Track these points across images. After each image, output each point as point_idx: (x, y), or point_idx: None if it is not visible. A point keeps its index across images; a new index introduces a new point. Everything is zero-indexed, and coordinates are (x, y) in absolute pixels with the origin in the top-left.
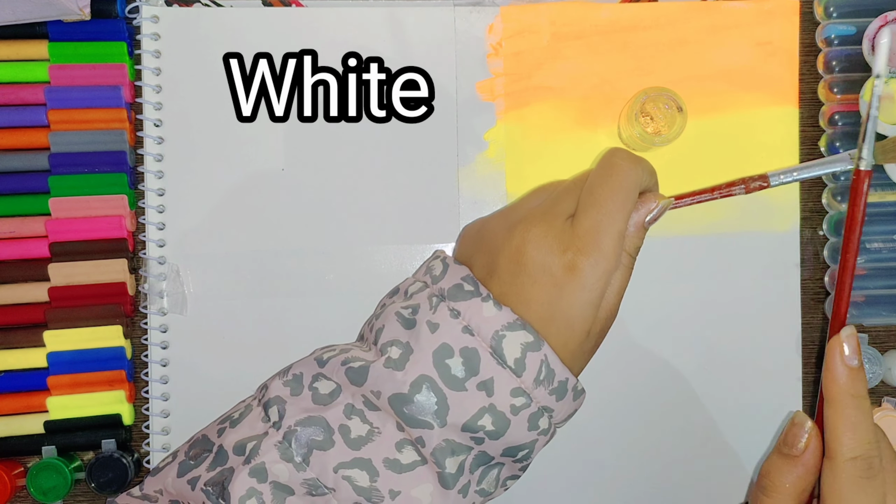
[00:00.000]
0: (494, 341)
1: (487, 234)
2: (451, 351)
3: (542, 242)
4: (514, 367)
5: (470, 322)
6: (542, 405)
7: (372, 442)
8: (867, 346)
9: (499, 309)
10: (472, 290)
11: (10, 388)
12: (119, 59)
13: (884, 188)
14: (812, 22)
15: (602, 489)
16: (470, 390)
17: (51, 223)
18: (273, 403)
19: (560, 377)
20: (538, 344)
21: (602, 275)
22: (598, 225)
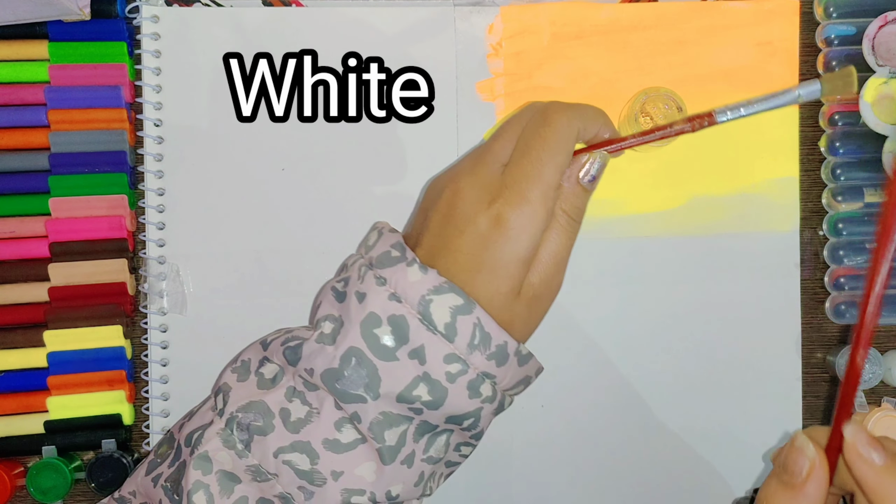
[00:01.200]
0: (422, 307)
1: (427, 193)
2: (378, 320)
3: (467, 194)
4: (444, 333)
5: (396, 288)
6: (481, 371)
7: (311, 423)
8: None
9: (424, 272)
10: (399, 255)
11: (10, 388)
12: (119, 59)
13: (884, 188)
14: (812, 22)
15: (602, 489)
16: (401, 360)
17: (51, 223)
18: (220, 391)
19: (497, 341)
20: (469, 306)
21: (528, 226)
22: (526, 175)
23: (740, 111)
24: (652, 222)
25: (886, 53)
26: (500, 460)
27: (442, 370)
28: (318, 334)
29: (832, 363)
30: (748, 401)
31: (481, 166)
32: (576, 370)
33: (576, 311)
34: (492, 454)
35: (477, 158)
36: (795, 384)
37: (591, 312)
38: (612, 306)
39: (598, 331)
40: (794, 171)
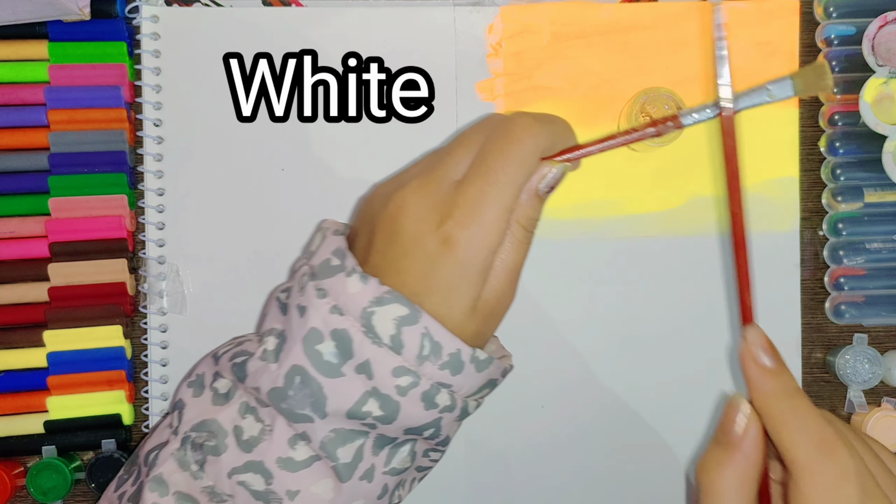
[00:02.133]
0: (364, 319)
1: (370, 202)
2: (320, 335)
3: (415, 211)
4: (391, 345)
5: (337, 300)
6: (435, 381)
7: (264, 442)
8: (867, 347)
9: (364, 282)
10: (339, 263)
11: (10, 388)
12: (119, 58)
13: (884, 188)
14: (812, 22)
15: (602, 488)
16: (348, 375)
17: (51, 223)
18: (176, 408)
19: (450, 349)
20: (415, 315)
21: (481, 250)
22: (482, 196)
23: (706, 112)
24: (652, 222)
25: (886, 53)
26: (499, 460)
27: (391, 384)
28: (262, 351)
29: (832, 363)
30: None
31: (431, 181)
32: (575, 370)
33: (575, 310)
34: (491, 454)
35: (427, 172)
36: None
37: (591, 312)
38: (612, 306)
39: (597, 331)
40: (794, 171)
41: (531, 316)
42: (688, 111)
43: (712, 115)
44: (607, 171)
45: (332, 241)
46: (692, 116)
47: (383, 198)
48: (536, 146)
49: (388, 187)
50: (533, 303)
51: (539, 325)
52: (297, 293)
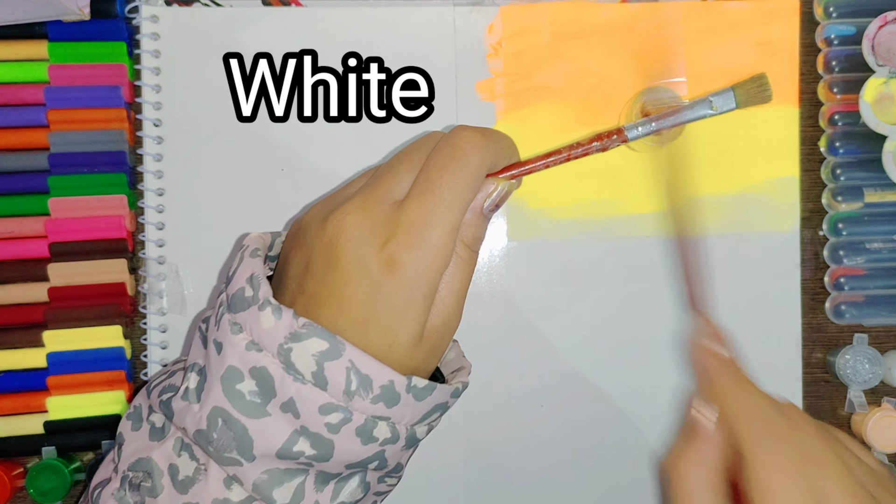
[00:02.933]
0: (282, 356)
1: (305, 225)
2: (240, 374)
3: (357, 232)
4: (314, 381)
5: (253, 335)
6: (369, 415)
7: (199, 482)
8: (867, 347)
9: (278, 317)
10: (252, 294)
11: (10, 388)
12: (118, 58)
13: (884, 188)
14: (812, 22)
15: (602, 488)
16: (273, 415)
17: (50, 223)
18: (117, 442)
19: (381, 381)
20: (336, 349)
21: (428, 273)
22: (427, 215)
23: (651, 125)
24: (652, 222)
25: (886, 53)
26: (499, 460)
27: (320, 422)
28: (185, 389)
29: (832, 363)
30: None
31: (371, 201)
32: (575, 370)
33: (575, 311)
34: (491, 454)
35: (366, 191)
36: (795, 384)
37: (591, 312)
38: (612, 306)
39: (597, 331)
40: (795, 171)
41: (530, 316)
42: (633, 125)
43: (656, 128)
44: (607, 171)
45: (248, 263)
46: (636, 130)
47: (319, 220)
48: (482, 161)
49: (323, 208)
50: (532, 302)
51: (538, 324)
52: (213, 326)
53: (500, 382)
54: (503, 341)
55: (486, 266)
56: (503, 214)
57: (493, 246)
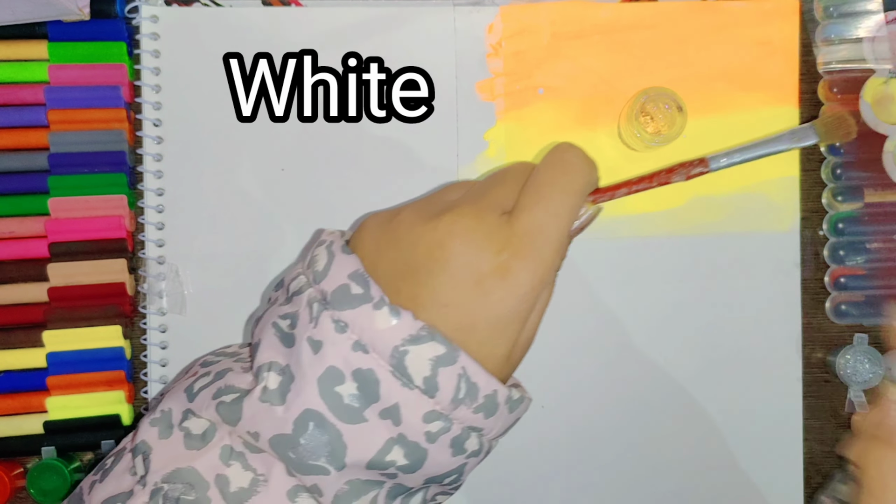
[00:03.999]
0: (395, 359)
1: (400, 225)
2: (340, 376)
3: (471, 237)
4: (424, 388)
5: (362, 336)
6: (466, 425)
7: (257, 494)
8: (867, 346)
9: (397, 317)
10: (362, 292)
11: (10, 389)
12: (118, 58)
13: (884, 188)
14: (812, 22)
15: (603, 489)
16: (371, 420)
17: (50, 223)
18: (139, 451)
19: (486, 390)
20: (453, 354)
21: (538, 284)
22: (543, 226)
23: (735, 157)
24: (652, 222)
25: (886, 53)
26: (500, 461)
27: (421, 430)
28: (262, 389)
29: (832, 363)
30: (748, 401)
31: (483, 209)
32: (575, 371)
33: (575, 311)
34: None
35: (475, 199)
36: (795, 384)
37: (591, 313)
38: (612, 306)
39: (597, 331)
40: (795, 171)
41: None
42: (717, 155)
43: (739, 160)
44: (607, 171)
45: (345, 261)
46: (720, 161)
47: (420, 222)
48: (589, 181)
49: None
50: None
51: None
52: (307, 324)
53: None
54: None
55: None
56: None
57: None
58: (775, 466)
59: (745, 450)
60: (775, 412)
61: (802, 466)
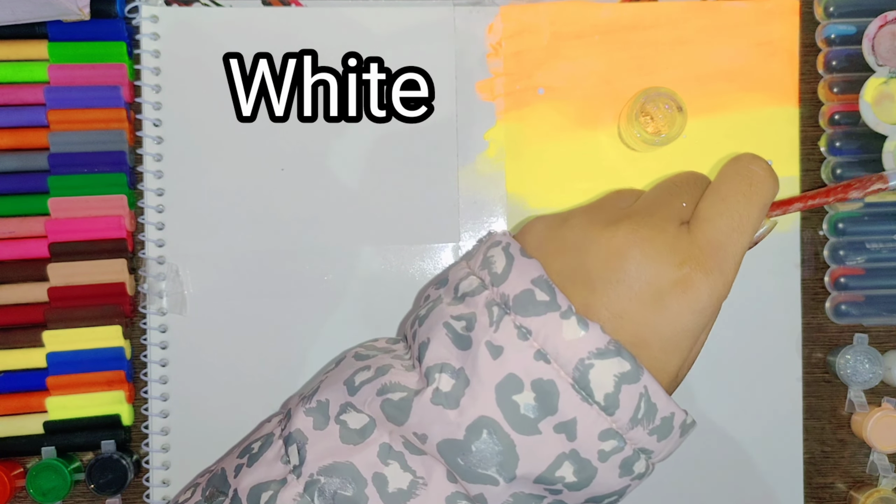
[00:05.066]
0: (579, 372)
1: (572, 230)
2: (520, 384)
3: (651, 247)
4: (603, 405)
5: (545, 345)
6: (638, 447)
7: (416, 497)
8: (867, 346)
9: (585, 329)
10: (548, 299)
11: (10, 389)
12: (118, 59)
13: None
14: (812, 22)
15: None
16: (545, 433)
17: (50, 223)
18: (293, 440)
19: (664, 412)
20: (637, 373)
21: (717, 300)
22: (727, 239)
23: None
24: None
25: (886, 53)
26: None
27: (595, 448)
28: (434, 391)
29: (832, 363)
30: (748, 401)
31: (662, 219)
32: None
33: None
34: None
35: (653, 209)
36: (795, 384)
37: None
38: None
39: None
40: (795, 171)
41: None
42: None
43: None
44: (607, 171)
45: (526, 265)
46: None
47: (595, 228)
48: (773, 195)
49: (587, 217)
50: None
51: None
52: (487, 327)
53: None
54: None
55: None
56: (503, 214)
57: None
58: (775, 466)
59: (745, 450)
60: (775, 412)
61: (802, 466)
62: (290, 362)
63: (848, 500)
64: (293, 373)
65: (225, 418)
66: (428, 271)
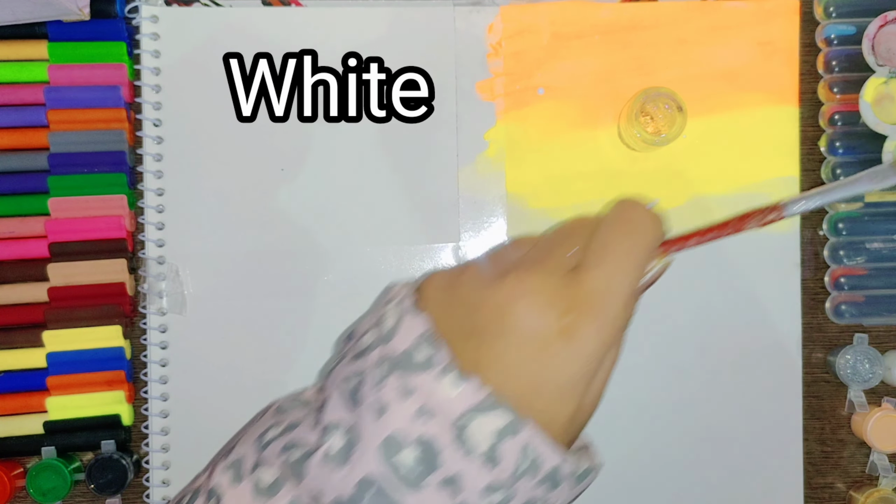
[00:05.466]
0: (458, 428)
1: (464, 285)
2: (403, 441)
3: (536, 298)
4: (485, 458)
5: (427, 402)
6: (527, 499)
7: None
8: (867, 347)
9: (462, 384)
10: (429, 355)
11: (10, 389)
12: (118, 58)
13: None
14: (812, 22)
15: (601, 489)
16: (430, 488)
17: (50, 223)
18: (213, 495)
19: (551, 462)
20: (517, 425)
21: (603, 345)
22: (609, 285)
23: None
24: None
25: (886, 53)
26: None
27: (481, 501)
28: (326, 450)
29: (832, 363)
30: (748, 401)
31: (548, 268)
32: None
33: None
34: None
35: (539, 258)
36: (795, 384)
37: None
38: None
39: None
40: (795, 171)
41: None
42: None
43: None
44: (607, 171)
45: (413, 322)
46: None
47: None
48: (655, 238)
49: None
50: None
51: None
52: (373, 386)
53: None
54: None
55: None
56: (503, 214)
57: (492, 246)
58: (775, 466)
59: (745, 450)
60: (775, 412)
61: (802, 466)
62: (289, 362)
63: (848, 500)
64: (293, 372)
65: (225, 418)
66: (428, 271)
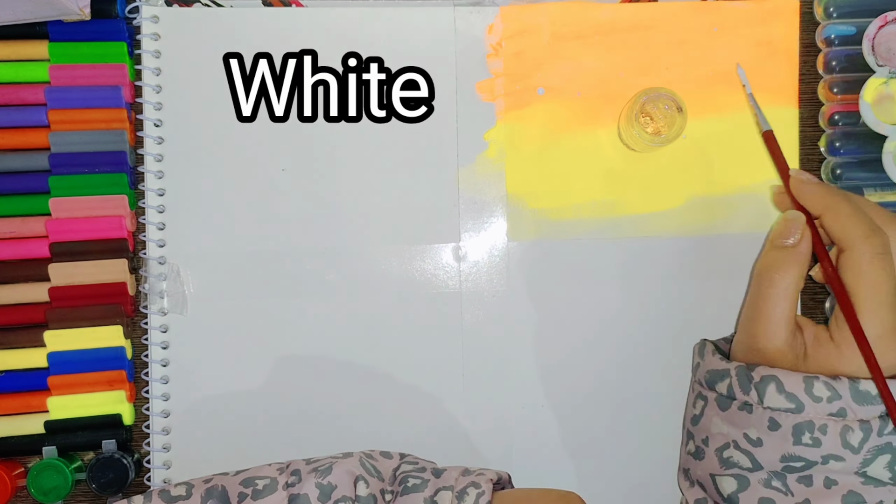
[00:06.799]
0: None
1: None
2: None
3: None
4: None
5: None
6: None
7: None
8: None
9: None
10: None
11: (11, 388)
12: (119, 59)
13: (884, 188)
14: (812, 22)
15: (601, 487)
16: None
17: (51, 223)
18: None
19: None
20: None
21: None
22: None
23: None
24: (652, 222)
25: (886, 53)
26: (499, 459)
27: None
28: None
29: None
30: None
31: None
32: (575, 369)
33: (575, 310)
34: (491, 453)
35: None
36: None
37: (591, 312)
38: (612, 306)
39: (597, 330)
40: None
41: (531, 316)
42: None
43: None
44: (607, 171)
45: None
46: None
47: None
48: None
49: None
50: (532, 302)
51: (539, 324)
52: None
53: (500, 381)
54: (503, 341)
55: (487, 266)
56: (503, 214)
57: (492, 246)
58: None
59: None
60: None
61: None
62: (290, 362)
63: None
64: (293, 372)
65: (226, 418)
66: (428, 271)
